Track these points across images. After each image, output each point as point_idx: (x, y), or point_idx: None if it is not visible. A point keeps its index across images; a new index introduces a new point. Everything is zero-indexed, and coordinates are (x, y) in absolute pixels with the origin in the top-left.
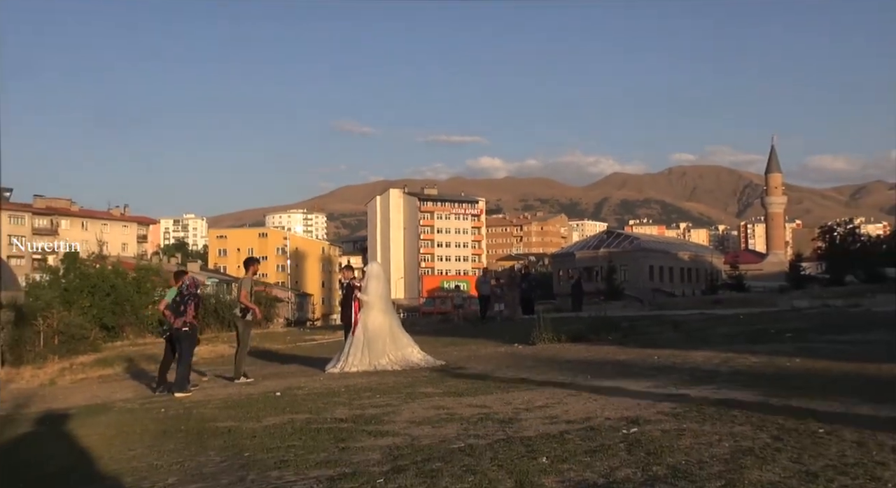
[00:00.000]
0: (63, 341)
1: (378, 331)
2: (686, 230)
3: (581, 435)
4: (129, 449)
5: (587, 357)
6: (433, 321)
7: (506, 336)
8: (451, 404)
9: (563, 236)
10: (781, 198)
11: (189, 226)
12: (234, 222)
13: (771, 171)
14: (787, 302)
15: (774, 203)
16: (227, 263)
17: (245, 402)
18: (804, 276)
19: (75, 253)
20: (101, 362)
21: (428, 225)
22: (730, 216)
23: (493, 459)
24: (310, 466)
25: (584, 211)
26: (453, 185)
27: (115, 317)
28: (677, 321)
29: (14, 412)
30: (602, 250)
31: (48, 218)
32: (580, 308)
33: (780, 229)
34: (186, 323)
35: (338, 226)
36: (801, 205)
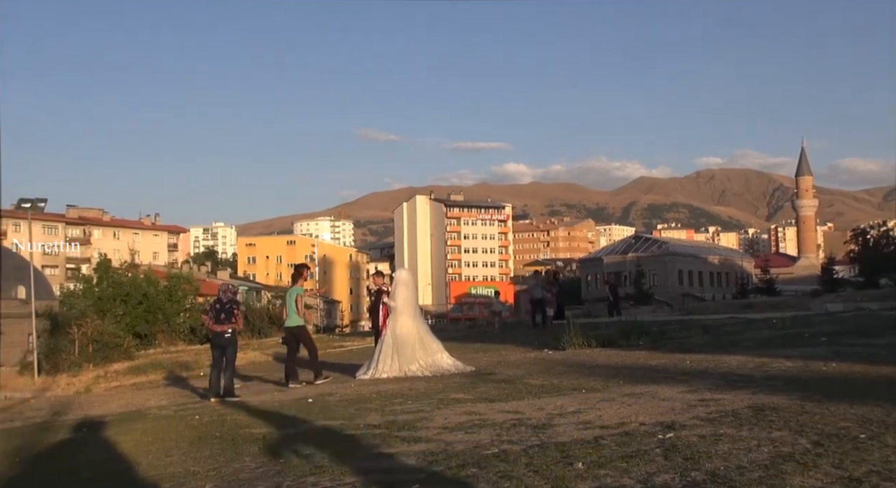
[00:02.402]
0: (97, 349)
1: (407, 337)
2: (715, 234)
3: (616, 441)
4: (166, 455)
5: (618, 362)
6: (461, 327)
7: (535, 341)
8: (483, 410)
9: (590, 241)
10: (812, 201)
11: (218, 234)
12: (263, 230)
13: (801, 174)
14: (821, 305)
15: (805, 206)
16: (255, 271)
17: (278, 409)
18: (837, 280)
19: (108, 262)
20: (134, 370)
21: (455, 231)
22: (759, 219)
23: (529, 465)
24: (345, 473)
25: (612, 215)
26: (479, 191)
27: (148, 325)
28: (708, 325)
29: (51, 419)
30: (630, 255)
31: (81, 227)
32: (619, 312)
33: (811, 232)
34: (232, 329)
35: (365, 232)
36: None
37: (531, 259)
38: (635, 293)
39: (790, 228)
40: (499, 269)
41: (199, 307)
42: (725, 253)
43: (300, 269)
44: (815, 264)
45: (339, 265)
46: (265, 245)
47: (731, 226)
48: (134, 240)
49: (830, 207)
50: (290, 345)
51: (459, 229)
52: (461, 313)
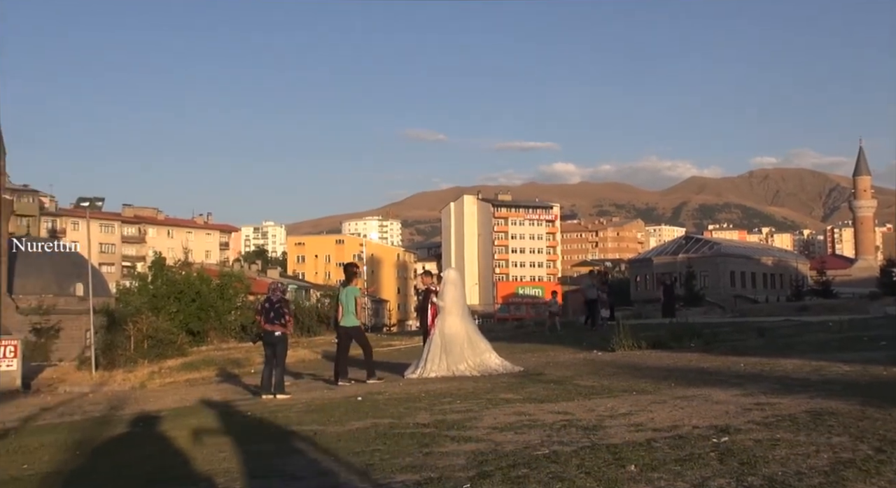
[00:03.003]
0: (152, 345)
1: (455, 337)
2: (769, 235)
3: (669, 444)
4: (220, 450)
5: (669, 364)
6: (509, 327)
7: (584, 342)
8: (532, 410)
9: (639, 242)
10: (871, 202)
11: (268, 233)
12: (312, 229)
13: (859, 174)
14: (880, 308)
15: (864, 206)
16: (304, 269)
17: (328, 406)
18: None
19: (163, 260)
20: (187, 366)
21: (502, 231)
22: (815, 220)
23: (580, 466)
24: (395, 470)
25: (662, 216)
26: (527, 191)
27: (201, 323)
28: (762, 328)
29: (109, 413)
30: (681, 256)
31: (136, 226)
32: (673, 314)
33: (869, 233)
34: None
35: (412, 232)
36: (892, 209)
37: (579, 259)
38: (686, 294)
39: (847, 229)
40: (546, 270)
41: (249, 305)
42: (779, 254)
43: (352, 268)
44: (874, 266)
45: (386, 264)
46: (314, 244)
47: (785, 227)
48: (187, 239)
49: (889, 208)
50: (341, 343)
51: (507, 229)
52: (508, 313)
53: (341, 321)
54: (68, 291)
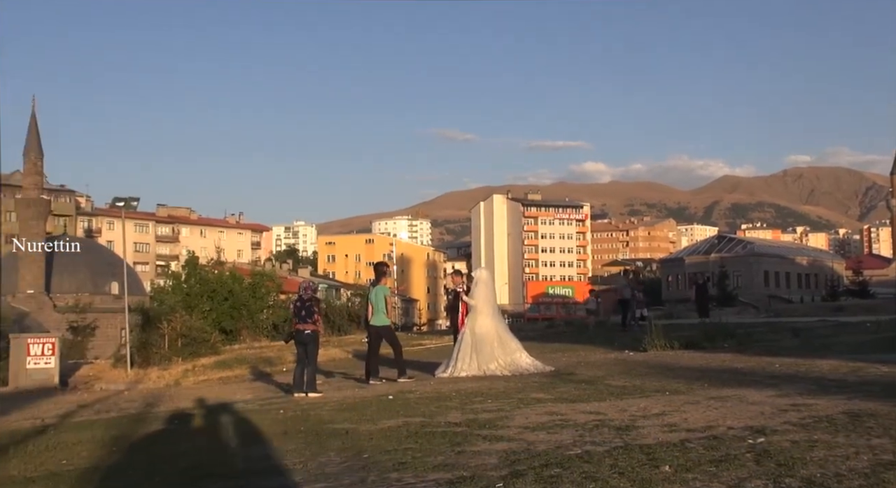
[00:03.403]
0: (186, 344)
1: (486, 336)
2: (803, 234)
3: (704, 445)
4: (254, 447)
5: (702, 364)
6: (539, 326)
7: (615, 342)
8: (564, 410)
9: (671, 241)
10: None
11: (299, 232)
12: (342, 229)
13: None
14: None
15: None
16: (335, 269)
17: (359, 405)
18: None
19: (196, 259)
20: (220, 364)
21: (532, 230)
22: (851, 219)
23: (613, 467)
24: (428, 469)
25: (694, 215)
26: (557, 191)
27: (233, 321)
28: (797, 328)
29: (145, 410)
30: (713, 255)
31: (170, 226)
32: (706, 314)
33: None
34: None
35: (442, 231)
36: None
37: (610, 259)
38: (719, 294)
39: (884, 229)
40: (577, 269)
41: (281, 304)
42: (814, 254)
43: (382, 268)
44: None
45: (416, 264)
46: (344, 243)
47: (820, 227)
48: (219, 238)
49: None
50: (372, 343)
51: (537, 229)
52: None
53: (371, 320)
54: (104, 290)
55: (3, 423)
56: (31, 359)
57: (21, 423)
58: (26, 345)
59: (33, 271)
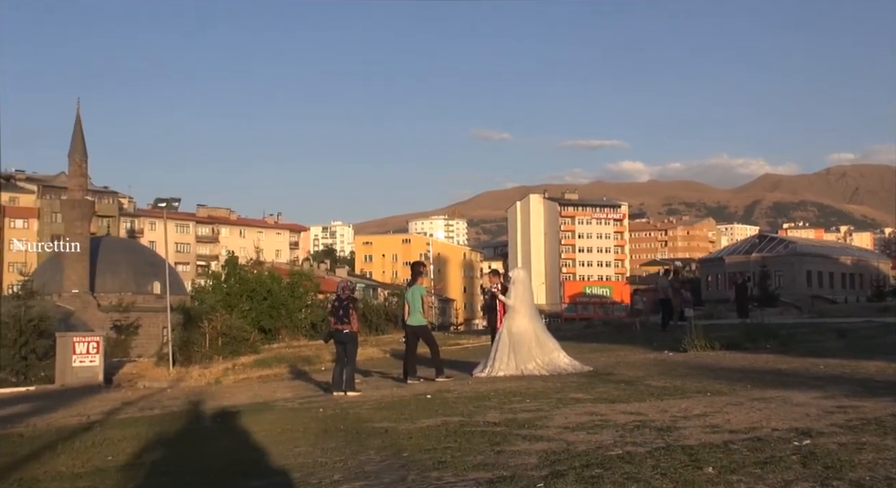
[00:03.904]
0: (226, 343)
1: (523, 336)
2: (847, 233)
3: (748, 446)
4: (294, 446)
5: (744, 365)
6: (577, 327)
7: (654, 343)
8: (604, 410)
9: (710, 241)
10: None
11: (336, 232)
12: (379, 229)
13: None
14: None
15: None
16: (372, 268)
17: (398, 404)
18: None
19: (235, 259)
20: (260, 363)
21: (569, 230)
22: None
23: (655, 467)
24: (467, 468)
25: (734, 214)
26: (594, 190)
27: (272, 321)
28: (842, 329)
29: (187, 408)
30: (754, 255)
31: (210, 226)
32: (746, 314)
33: None
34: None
35: (478, 231)
36: None
37: (648, 258)
38: (760, 295)
39: None
40: (614, 269)
41: (319, 303)
42: (859, 253)
43: (418, 267)
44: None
45: (453, 264)
46: (381, 243)
47: (864, 226)
48: (258, 239)
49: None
50: (409, 342)
51: (574, 228)
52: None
53: (408, 320)
54: (146, 290)
55: (50, 420)
56: (77, 358)
57: (68, 420)
58: (72, 344)
59: (78, 271)
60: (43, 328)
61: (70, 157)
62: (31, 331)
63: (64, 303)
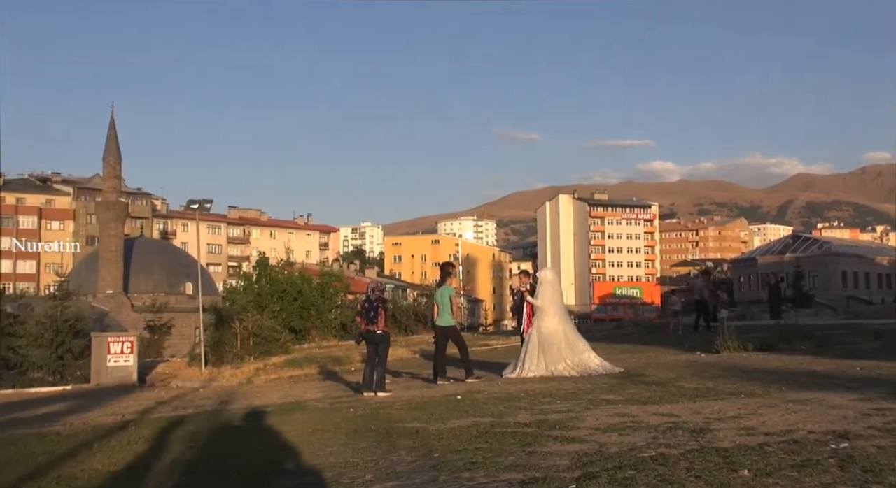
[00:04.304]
0: (257, 343)
1: (552, 337)
2: (884, 233)
3: (784, 449)
4: (326, 445)
5: (779, 367)
6: (606, 327)
7: (685, 344)
8: (635, 412)
9: (743, 241)
10: None
11: (366, 233)
12: (408, 229)
13: None
14: None
15: None
16: (401, 269)
17: (428, 404)
18: None
19: (266, 260)
20: (291, 363)
21: (598, 230)
22: None
23: (689, 470)
24: (499, 469)
25: (766, 214)
26: (624, 190)
27: (302, 321)
28: (878, 330)
29: (219, 407)
30: (788, 255)
31: (241, 227)
32: (779, 315)
33: None
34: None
35: (507, 232)
36: None
37: (679, 259)
38: (794, 295)
39: None
40: (644, 270)
41: (349, 304)
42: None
43: (447, 268)
44: None
45: (482, 264)
46: (410, 244)
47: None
48: (289, 240)
49: None
50: (439, 343)
51: (603, 229)
52: (605, 313)
53: (437, 320)
54: (179, 290)
55: (86, 419)
56: (112, 357)
57: (103, 419)
58: (107, 344)
59: (112, 272)
60: (78, 328)
61: (104, 160)
62: (67, 331)
63: (99, 303)
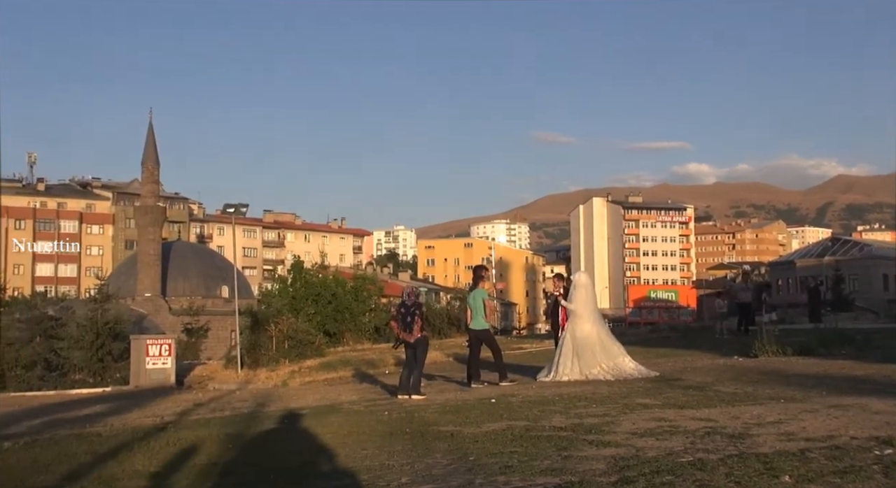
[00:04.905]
0: (292, 346)
1: (587, 340)
2: None
3: (825, 455)
4: (362, 448)
5: (819, 371)
6: (641, 331)
7: (723, 348)
8: (672, 416)
9: (780, 244)
10: None
11: (399, 237)
12: (441, 233)
13: None
14: None
15: None
16: (434, 272)
17: (463, 408)
18: None
19: (301, 263)
20: (325, 366)
21: (633, 233)
22: None
23: (728, 475)
24: (535, 473)
25: (805, 217)
26: (658, 193)
27: (337, 324)
28: None
29: (256, 410)
30: (827, 258)
31: (276, 231)
32: (819, 319)
33: None
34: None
35: (540, 235)
36: None
37: (715, 262)
38: (834, 299)
39: None
40: (680, 273)
41: (382, 307)
42: None
43: (480, 271)
44: None
45: (515, 267)
46: (443, 247)
47: None
48: (323, 243)
49: None
50: (473, 346)
51: (638, 231)
52: (640, 317)
53: (471, 324)
54: (215, 293)
55: (126, 420)
56: (150, 360)
57: (143, 420)
58: (145, 346)
59: (150, 275)
60: (118, 331)
61: (143, 165)
62: (106, 334)
63: (137, 306)
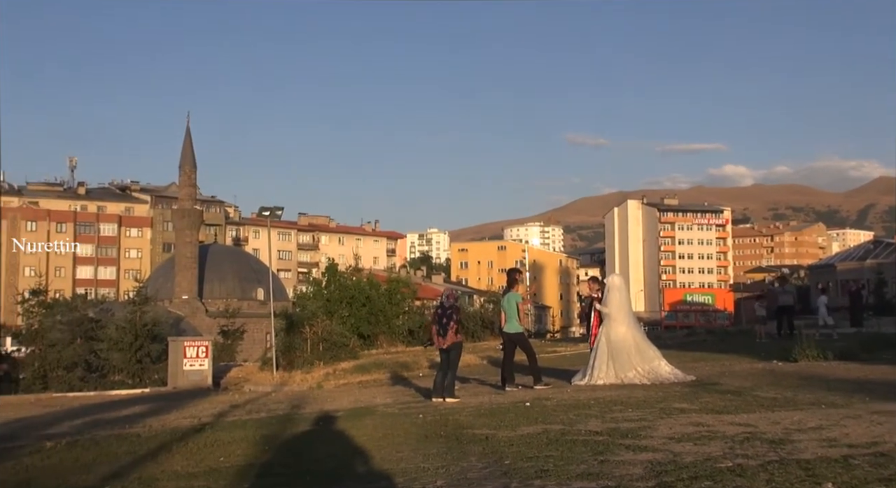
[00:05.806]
0: (326, 348)
1: (622, 344)
2: None
3: (869, 461)
4: (397, 450)
5: (860, 376)
6: (678, 335)
7: (761, 352)
8: (710, 421)
9: (820, 247)
10: None
11: (432, 239)
12: (474, 235)
13: None
14: None
15: None
16: (467, 275)
17: (497, 411)
18: None
19: (335, 266)
20: (359, 368)
21: (668, 236)
22: None
23: (769, 481)
24: (571, 477)
25: (845, 219)
26: (694, 195)
27: (370, 326)
28: None
29: (291, 412)
30: (869, 261)
31: (310, 234)
32: (861, 323)
33: None
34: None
35: (574, 238)
36: None
37: (752, 265)
38: (876, 303)
39: None
40: (717, 276)
41: (416, 310)
42: None
43: (514, 274)
44: None
45: (549, 270)
46: (477, 250)
47: None
48: (357, 246)
49: None
50: (507, 349)
51: (674, 234)
52: (676, 321)
53: (504, 327)
54: (250, 296)
55: (164, 421)
56: (188, 361)
57: (181, 421)
58: (183, 348)
59: (188, 278)
60: (156, 332)
61: (181, 169)
62: (145, 336)
63: (175, 308)
